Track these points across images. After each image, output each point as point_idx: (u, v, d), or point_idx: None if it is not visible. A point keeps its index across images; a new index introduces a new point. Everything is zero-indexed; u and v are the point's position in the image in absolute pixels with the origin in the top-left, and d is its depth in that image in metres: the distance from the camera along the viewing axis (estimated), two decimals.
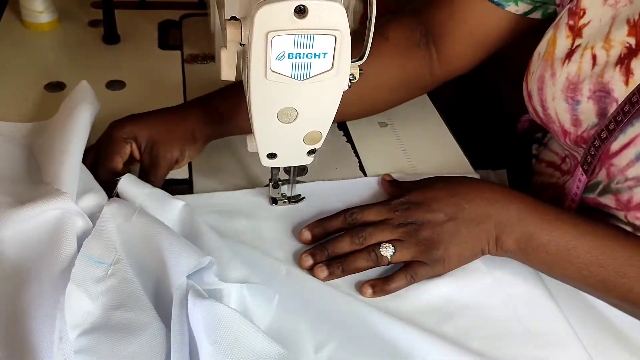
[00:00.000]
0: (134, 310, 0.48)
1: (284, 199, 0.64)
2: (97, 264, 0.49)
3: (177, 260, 0.49)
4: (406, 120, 0.79)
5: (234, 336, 0.45)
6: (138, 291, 0.49)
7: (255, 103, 0.51)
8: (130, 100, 0.79)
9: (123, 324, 0.46)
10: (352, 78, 0.51)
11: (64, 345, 0.41)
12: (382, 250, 0.57)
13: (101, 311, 0.47)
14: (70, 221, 0.52)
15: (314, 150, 0.57)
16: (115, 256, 0.51)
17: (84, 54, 0.88)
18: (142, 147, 0.63)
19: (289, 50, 0.47)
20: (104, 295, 0.48)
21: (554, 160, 0.70)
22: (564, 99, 0.59)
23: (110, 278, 0.49)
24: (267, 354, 0.47)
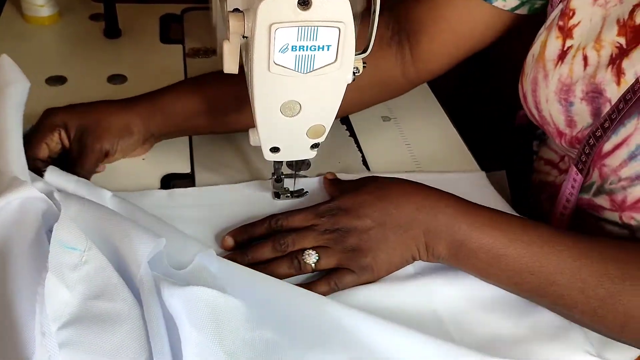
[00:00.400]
0: (113, 299, 0.46)
1: (287, 193, 0.63)
2: (70, 250, 0.47)
3: (136, 247, 0.47)
4: (409, 114, 0.79)
5: (219, 321, 0.45)
6: (114, 279, 0.47)
7: (258, 96, 0.50)
8: (132, 94, 0.78)
9: (104, 315, 0.45)
10: (356, 71, 0.51)
11: (48, 340, 0.40)
12: (305, 257, 0.55)
13: (79, 301, 0.45)
14: (33, 205, 0.50)
15: (317, 144, 0.56)
16: (87, 242, 0.48)
17: (85, 48, 0.87)
18: (72, 136, 0.61)
19: (293, 42, 0.46)
20: (80, 283, 0.46)
21: (552, 158, 0.70)
22: (558, 101, 0.59)
23: (85, 265, 0.47)
24: (255, 337, 0.46)
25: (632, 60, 0.52)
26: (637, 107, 0.52)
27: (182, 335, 0.44)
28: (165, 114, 0.64)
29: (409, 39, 0.67)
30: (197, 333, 0.44)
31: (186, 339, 0.44)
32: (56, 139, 0.61)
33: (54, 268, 0.44)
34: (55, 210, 0.51)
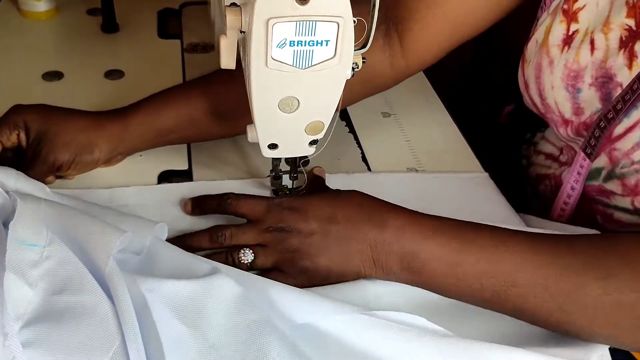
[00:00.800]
0: (78, 293, 0.44)
1: (286, 191, 0.63)
2: (29, 247, 0.45)
3: (102, 242, 0.46)
4: (410, 111, 0.78)
5: (200, 312, 0.44)
6: (79, 271, 0.45)
7: (256, 92, 0.49)
8: (129, 89, 0.78)
9: (68, 310, 0.43)
10: (355, 67, 0.50)
11: (11, 341, 0.39)
12: (241, 255, 0.53)
13: (41, 298, 0.43)
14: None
15: (315, 141, 0.56)
16: (47, 237, 0.46)
17: (82, 42, 0.86)
18: (30, 140, 0.59)
19: (291, 37, 0.45)
20: (42, 279, 0.44)
21: (553, 152, 0.69)
22: (564, 88, 0.58)
23: (47, 261, 0.45)
24: (239, 322, 0.45)
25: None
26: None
27: (161, 329, 0.43)
28: (135, 135, 0.62)
29: (397, 28, 0.64)
30: (179, 326, 0.43)
31: (165, 332, 0.43)
32: (13, 138, 0.60)
33: (12, 267, 0.42)
34: (11, 204, 0.49)
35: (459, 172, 0.69)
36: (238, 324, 0.45)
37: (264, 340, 0.44)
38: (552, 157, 0.69)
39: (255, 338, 0.44)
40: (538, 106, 0.62)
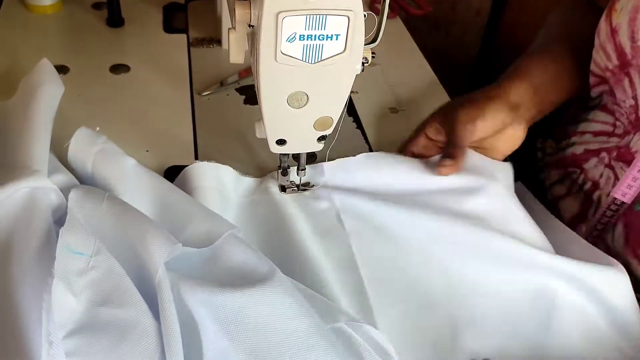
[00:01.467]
0: (121, 305, 0.44)
1: (293, 187, 0.62)
2: (77, 255, 0.45)
3: (152, 249, 0.46)
4: (417, 107, 0.77)
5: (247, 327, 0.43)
6: (124, 284, 0.45)
7: (265, 87, 0.49)
8: (135, 84, 0.77)
9: (110, 322, 0.43)
10: (365, 62, 0.49)
11: (55, 350, 0.38)
12: None
13: (85, 308, 0.43)
14: (45, 196, 0.49)
15: (324, 137, 0.55)
16: (95, 246, 0.46)
17: (87, 37, 0.86)
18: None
19: (300, 31, 0.45)
20: (86, 290, 0.44)
21: (602, 129, 0.69)
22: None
23: (92, 271, 0.45)
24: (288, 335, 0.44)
25: None
26: None
27: (205, 342, 0.43)
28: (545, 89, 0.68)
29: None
30: (223, 341, 0.42)
31: (211, 346, 0.43)
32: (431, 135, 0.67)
33: (60, 274, 0.42)
34: (64, 203, 0.50)
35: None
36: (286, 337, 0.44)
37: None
38: (605, 133, 0.69)
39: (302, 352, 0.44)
40: (625, 52, 0.63)
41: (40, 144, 0.54)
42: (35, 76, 0.63)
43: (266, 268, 0.47)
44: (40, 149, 0.53)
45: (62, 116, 0.61)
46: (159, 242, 0.46)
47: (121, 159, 0.56)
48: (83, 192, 0.51)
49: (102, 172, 0.55)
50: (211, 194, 0.58)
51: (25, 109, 0.58)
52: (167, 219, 0.53)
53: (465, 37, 1.46)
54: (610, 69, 0.66)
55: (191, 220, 0.51)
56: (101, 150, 0.56)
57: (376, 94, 0.79)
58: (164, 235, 0.47)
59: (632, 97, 0.64)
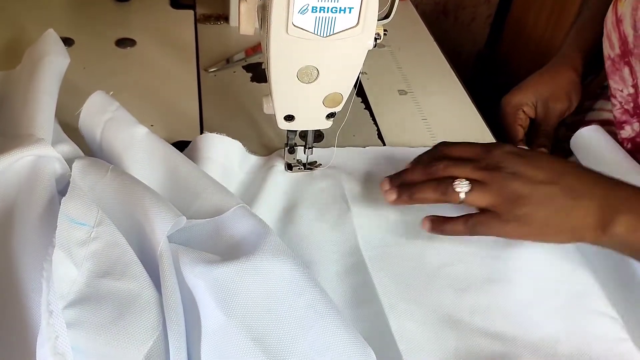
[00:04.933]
0: (123, 277, 0.43)
1: (300, 165, 0.61)
2: (78, 225, 0.44)
3: (155, 222, 0.45)
4: (426, 89, 0.76)
5: (245, 301, 0.42)
6: (126, 255, 0.44)
7: (275, 60, 0.48)
8: (141, 59, 0.76)
9: (111, 294, 0.42)
10: (377, 37, 0.48)
11: (55, 320, 0.38)
12: (456, 185, 0.50)
13: (86, 279, 0.42)
14: (48, 165, 0.48)
15: (333, 114, 0.54)
16: (97, 217, 0.45)
17: (93, 10, 0.85)
18: (535, 107, 0.71)
19: (313, 3, 0.44)
20: (87, 260, 0.43)
21: (609, 118, 0.69)
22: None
23: (94, 242, 0.44)
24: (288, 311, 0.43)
25: None
26: None
27: (204, 317, 0.42)
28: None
29: None
30: (222, 316, 0.41)
31: (208, 321, 0.42)
32: (523, 117, 0.72)
33: (61, 244, 0.41)
34: (68, 171, 0.49)
35: None
36: (285, 313, 0.43)
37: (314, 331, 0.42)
38: (610, 122, 0.69)
39: (304, 332, 0.42)
40: (628, 40, 0.63)
41: (45, 113, 0.53)
42: (41, 46, 0.61)
43: (273, 242, 0.46)
44: (44, 118, 0.52)
45: (66, 88, 0.60)
46: (162, 215, 0.45)
47: (132, 128, 0.55)
48: (87, 163, 0.50)
49: (111, 141, 0.54)
50: (215, 168, 0.57)
51: (30, 78, 0.57)
52: (176, 192, 0.52)
53: (473, 24, 1.44)
54: (612, 58, 0.65)
55: (200, 194, 0.50)
56: (111, 118, 0.55)
57: (385, 76, 0.78)
58: (167, 207, 0.46)
59: (631, 86, 0.64)
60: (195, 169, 0.53)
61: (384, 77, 0.78)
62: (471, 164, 0.52)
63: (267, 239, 0.46)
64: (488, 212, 0.51)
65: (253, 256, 0.44)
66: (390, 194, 0.54)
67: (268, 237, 0.46)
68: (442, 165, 0.53)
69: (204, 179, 0.52)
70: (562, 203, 0.50)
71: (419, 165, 0.55)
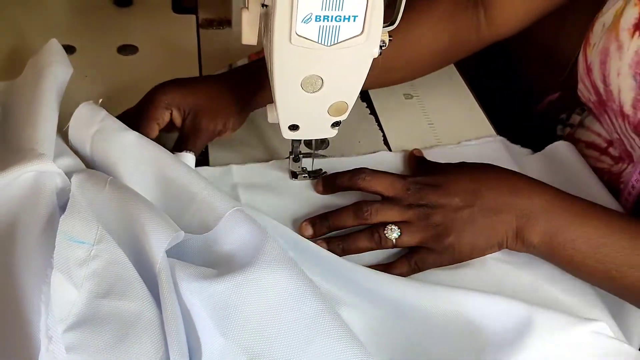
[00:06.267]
0: (124, 297, 0.42)
1: (305, 173, 0.60)
2: (78, 244, 0.43)
3: (153, 237, 0.44)
4: (432, 93, 0.75)
5: (241, 319, 0.41)
6: (127, 274, 0.43)
7: (278, 70, 0.47)
8: (143, 65, 0.75)
9: (113, 315, 0.41)
10: (382, 45, 0.47)
11: (55, 346, 0.37)
12: (387, 232, 0.53)
13: (86, 300, 0.41)
14: (50, 180, 0.47)
15: (338, 123, 0.53)
16: (97, 234, 0.44)
17: (94, 16, 0.84)
18: (185, 115, 0.60)
19: (317, 12, 0.43)
20: (88, 280, 0.42)
21: (597, 142, 0.66)
22: (632, 76, 0.55)
23: (94, 260, 0.43)
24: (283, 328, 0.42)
25: None
26: None
27: (203, 338, 0.41)
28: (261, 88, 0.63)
29: (483, 2, 0.67)
30: (221, 338, 0.41)
31: (208, 342, 0.41)
32: (167, 118, 0.60)
33: (59, 265, 0.41)
34: (69, 185, 0.49)
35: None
36: (285, 327, 0.42)
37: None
38: (595, 147, 0.66)
39: (305, 346, 0.42)
40: (600, 92, 0.60)
41: (47, 126, 0.52)
42: (44, 56, 0.61)
43: (270, 251, 0.45)
44: (46, 132, 0.52)
45: (68, 96, 0.59)
46: (160, 229, 0.44)
47: (120, 136, 0.54)
48: (85, 177, 0.49)
49: (101, 154, 0.53)
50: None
51: (32, 89, 0.56)
52: (171, 198, 0.51)
53: None
54: (592, 102, 0.63)
55: (194, 197, 0.50)
56: (99, 130, 0.54)
57: None
58: (165, 222, 0.45)
59: (615, 133, 0.62)
60: (188, 171, 0.52)
61: None
62: (397, 206, 0.54)
63: (264, 247, 0.45)
64: (422, 249, 0.53)
65: (250, 269, 0.43)
66: (320, 246, 0.54)
67: (265, 246, 0.45)
68: (374, 209, 0.54)
69: (197, 180, 0.51)
70: (482, 223, 0.52)
71: (347, 210, 0.55)
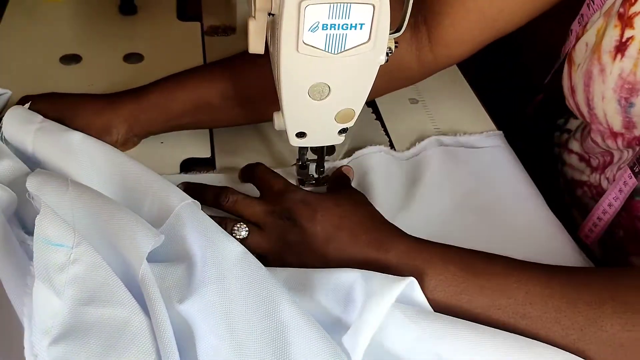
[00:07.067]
0: (108, 304, 0.40)
1: (312, 180, 0.60)
2: (55, 247, 0.40)
3: (133, 242, 0.43)
4: (438, 97, 0.75)
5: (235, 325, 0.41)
6: (109, 279, 0.41)
7: (285, 78, 0.47)
8: (149, 73, 0.75)
9: (99, 323, 0.39)
10: (389, 52, 0.47)
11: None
12: (235, 228, 0.51)
13: (69, 308, 0.39)
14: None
15: (345, 129, 0.53)
16: (75, 236, 0.41)
17: (99, 25, 0.84)
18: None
19: (324, 20, 0.43)
20: (69, 286, 0.40)
21: (582, 153, 0.65)
22: (616, 100, 0.53)
23: (75, 264, 0.41)
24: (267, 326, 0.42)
25: None
26: None
27: (199, 343, 0.41)
28: (148, 117, 0.60)
29: (425, 20, 0.60)
30: (213, 340, 0.41)
31: (203, 347, 0.40)
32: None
33: (39, 272, 0.38)
34: (14, 197, 0.46)
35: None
36: (264, 326, 0.42)
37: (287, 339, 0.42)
38: (583, 158, 0.65)
39: (288, 348, 0.41)
40: (584, 114, 0.58)
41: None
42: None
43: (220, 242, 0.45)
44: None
45: None
46: (141, 234, 0.43)
47: (65, 135, 0.53)
48: (42, 179, 0.46)
49: (46, 150, 0.51)
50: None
51: None
52: (128, 192, 0.50)
53: None
54: (579, 118, 0.62)
55: (147, 192, 0.49)
56: (40, 128, 0.53)
57: None
58: (144, 226, 0.44)
59: (598, 147, 0.61)
60: (139, 168, 0.51)
61: None
62: (262, 206, 0.53)
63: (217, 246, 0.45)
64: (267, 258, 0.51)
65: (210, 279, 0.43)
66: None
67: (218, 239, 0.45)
68: (232, 200, 0.53)
69: (149, 177, 0.50)
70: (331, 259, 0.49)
71: (214, 189, 0.54)
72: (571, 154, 0.67)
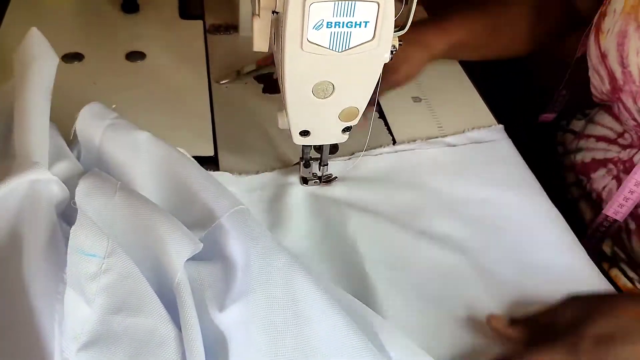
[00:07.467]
0: (137, 313, 0.41)
1: (315, 179, 0.60)
2: (88, 257, 0.41)
3: (172, 249, 0.43)
4: (441, 96, 0.75)
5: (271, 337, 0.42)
6: (140, 288, 0.42)
7: (289, 76, 0.47)
8: (151, 72, 0.75)
9: (126, 332, 0.40)
10: (393, 49, 0.47)
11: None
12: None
13: (99, 317, 0.40)
14: (46, 189, 0.45)
15: (349, 128, 0.53)
16: (108, 247, 0.42)
17: (102, 23, 0.84)
18: None
19: (328, 18, 0.43)
20: (100, 295, 0.41)
21: (606, 134, 0.66)
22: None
23: (106, 274, 0.41)
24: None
25: None
26: None
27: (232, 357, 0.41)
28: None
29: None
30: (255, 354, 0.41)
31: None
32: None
33: (71, 280, 0.39)
34: (68, 195, 0.46)
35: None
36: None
37: None
38: (607, 139, 0.66)
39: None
40: (616, 77, 0.60)
41: (38, 130, 0.50)
42: (26, 51, 0.57)
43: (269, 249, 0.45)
44: (38, 137, 0.49)
45: (77, 105, 0.59)
46: (179, 242, 0.43)
47: (133, 133, 0.53)
48: (92, 184, 0.46)
49: (111, 147, 0.52)
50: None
51: (21, 92, 0.53)
52: (177, 197, 0.50)
53: None
54: (605, 92, 0.64)
55: (199, 197, 0.49)
56: (111, 125, 0.53)
57: None
58: (184, 233, 0.44)
59: (631, 119, 0.62)
60: (197, 172, 0.51)
61: None
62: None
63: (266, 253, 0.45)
64: None
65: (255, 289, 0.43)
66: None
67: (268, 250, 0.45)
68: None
69: (205, 178, 0.50)
70: None
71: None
72: (589, 138, 0.68)
